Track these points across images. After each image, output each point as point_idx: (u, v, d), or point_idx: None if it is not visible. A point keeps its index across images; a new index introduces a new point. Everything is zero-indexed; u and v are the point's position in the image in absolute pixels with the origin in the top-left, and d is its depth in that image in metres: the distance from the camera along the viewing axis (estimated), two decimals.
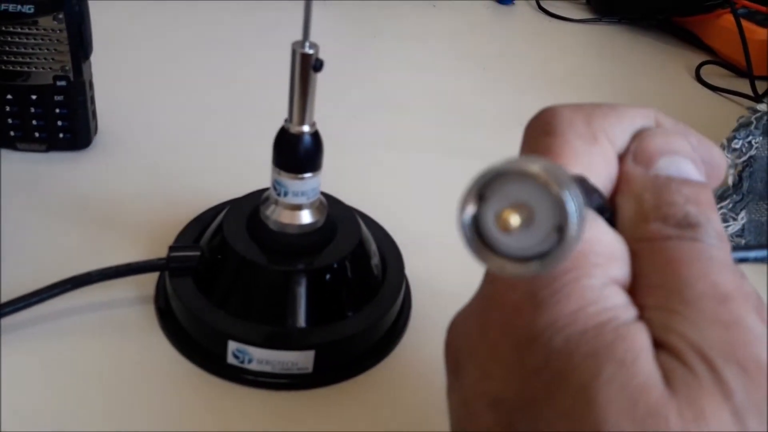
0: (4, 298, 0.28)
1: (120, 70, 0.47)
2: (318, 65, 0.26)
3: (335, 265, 0.29)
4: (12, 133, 0.37)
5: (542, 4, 0.69)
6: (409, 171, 0.42)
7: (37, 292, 0.28)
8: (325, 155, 0.28)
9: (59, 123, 0.37)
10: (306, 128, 0.27)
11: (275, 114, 0.44)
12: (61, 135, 0.38)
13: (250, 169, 0.40)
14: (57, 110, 0.37)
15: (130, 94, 0.45)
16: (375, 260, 0.31)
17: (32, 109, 0.36)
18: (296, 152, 0.28)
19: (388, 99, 0.50)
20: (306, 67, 0.26)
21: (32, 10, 0.34)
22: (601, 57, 0.62)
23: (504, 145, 0.45)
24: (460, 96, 0.52)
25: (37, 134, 0.37)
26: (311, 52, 0.26)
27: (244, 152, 0.41)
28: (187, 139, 0.42)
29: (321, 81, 0.27)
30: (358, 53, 0.57)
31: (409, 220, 0.36)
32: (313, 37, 0.26)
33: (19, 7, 0.33)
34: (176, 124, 0.43)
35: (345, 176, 0.35)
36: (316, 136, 0.28)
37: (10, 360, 0.27)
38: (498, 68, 0.57)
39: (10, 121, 0.37)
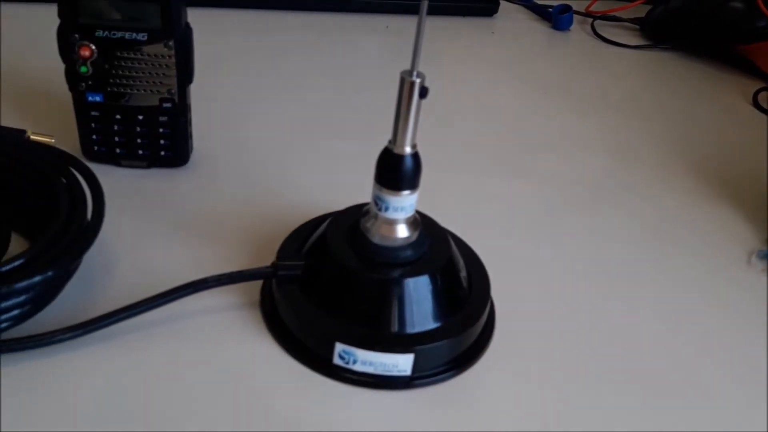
0: (117, 304, 0.30)
1: (212, 92, 0.50)
2: (424, 93, 0.28)
3: (429, 277, 0.31)
4: (117, 150, 0.40)
5: (598, 30, 0.71)
6: (486, 191, 0.44)
7: (161, 294, 0.31)
8: None
9: (161, 142, 0.40)
10: (408, 149, 0.30)
11: (359, 133, 0.46)
12: (162, 153, 0.40)
13: (336, 185, 0.42)
14: (161, 130, 0.40)
15: (222, 114, 0.48)
16: (463, 273, 0.33)
17: (138, 129, 0.39)
18: (399, 171, 0.30)
19: (452, 122, 0.52)
20: (413, 94, 0.28)
21: (145, 38, 0.36)
22: (657, 83, 0.64)
23: (575, 169, 0.47)
24: (524, 120, 0.54)
25: (140, 152, 0.40)
26: (418, 80, 0.28)
27: (328, 169, 0.44)
28: (275, 157, 0.45)
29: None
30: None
31: (489, 238, 0.38)
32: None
33: (134, 35, 0.36)
34: (265, 143, 0.46)
35: (427, 195, 0.37)
36: (416, 157, 0.30)
37: (134, 358, 0.30)
38: (557, 93, 0.59)
39: (116, 139, 0.40)
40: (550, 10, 0.71)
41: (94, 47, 0.36)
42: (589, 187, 0.46)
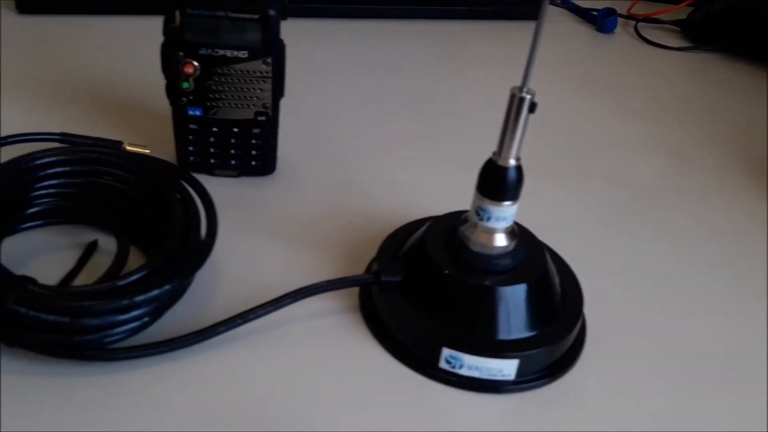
0: (227, 312, 0.32)
1: (295, 103, 0.52)
2: (533, 108, 0.30)
3: (527, 285, 0.33)
4: (211, 161, 0.42)
5: (641, 32, 0.73)
6: (552, 195, 0.46)
7: (273, 301, 0.33)
8: None
9: (253, 152, 0.42)
10: (512, 162, 0.32)
11: (439, 142, 0.48)
12: (252, 163, 0.43)
13: (419, 192, 0.44)
14: (253, 141, 0.42)
15: (303, 123, 0.50)
16: (557, 281, 0.35)
17: (232, 140, 0.42)
18: (502, 183, 0.32)
19: (489, 127, 0.54)
20: (522, 109, 0.30)
21: (246, 55, 0.39)
22: (702, 84, 0.65)
23: (637, 171, 0.49)
24: (574, 122, 0.56)
25: (232, 162, 0.42)
26: (528, 96, 0.30)
27: (409, 177, 0.46)
28: (356, 165, 0.47)
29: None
30: (461, 80, 0.61)
31: (566, 242, 0.40)
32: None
33: (235, 52, 0.38)
34: (346, 152, 0.48)
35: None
36: (519, 169, 0.32)
37: (249, 362, 0.32)
38: (604, 95, 0.61)
39: (211, 150, 0.42)
40: (595, 13, 0.73)
41: (197, 64, 0.38)
42: (653, 189, 0.48)
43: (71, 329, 0.29)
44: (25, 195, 0.34)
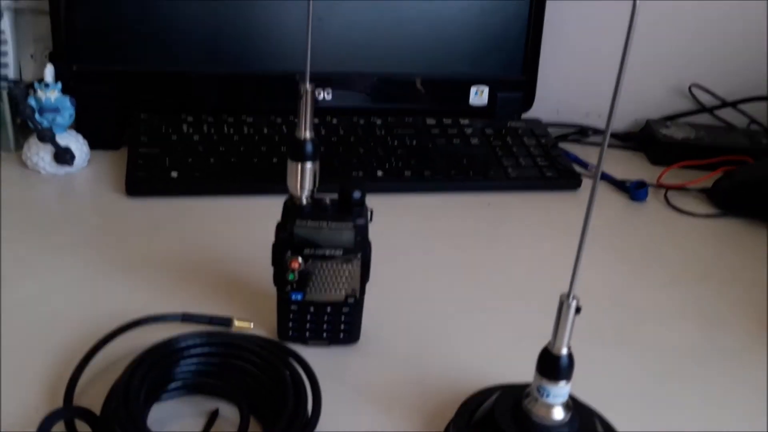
0: None
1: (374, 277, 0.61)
2: (579, 310, 0.38)
3: None
4: (307, 333, 0.51)
5: (671, 200, 0.81)
6: (596, 361, 0.53)
7: None
8: None
9: (342, 326, 0.50)
10: (564, 351, 0.39)
11: (504, 310, 0.55)
12: (341, 334, 0.51)
13: (488, 358, 0.52)
14: (343, 318, 0.50)
15: (382, 296, 0.58)
16: None
17: (326, 318, 0.50)
18: (557, 367, 0.39)
19: (548, 293, 0.61)
20: (569, 312, 0.38)
21: (341, 254, 0.48)
22: (730, 250, 0.73)
23: (675, 337, 0.56)
24: (614, 289, 0.63)
25: (324, 334, 0.51)
26: (574, 302, 0.38)
27: (478, 343, 0.53)
28: (430, 333, 0.55)
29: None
30: (498, 245, 0.69)
31: (613, 409, 0.46)
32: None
33: (332, 251, 0.47)
34: (420, 321, 0.56)
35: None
36: (570, 356, 0.39)
37: None
38: (641, 263, 0.68)
39: (308, 325, 0.50)
40: (628, 185, 0.82)
41: (301, 260, 0.48)
42: (692, 354, 0.55)
43: None
44: (170, 372, 0.43)
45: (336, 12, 0.84)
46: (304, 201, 0.47)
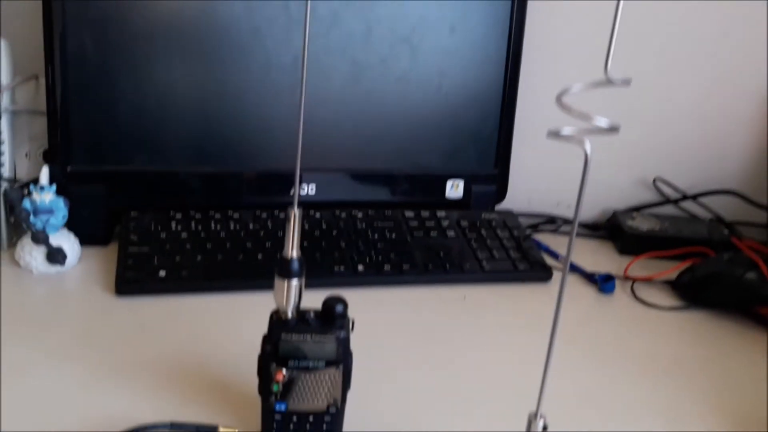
0: None
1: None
2: (545, 429, 0.41)
3: None
4: None
5: (637, 292, 0.85)
6: None
7: None
8: None
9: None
10: None
11: (479, 398, 0.57)
12: None
13: None
14: (324, 426, 0.52)
15: (358, 395, 0.61)
16: None
17: (308, 426, 0.52)
18: None
19: (521, 387, 0.64)
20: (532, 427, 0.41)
21: (323, 365, 0.50)
22: (694, 342, 0.76)
23: None
24: (581, 387, 0.66)
25: None
26: (542, 421, 0.41)
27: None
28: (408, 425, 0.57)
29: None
30: (475, 341, 0.72)
31: None
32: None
33: (315, 363, 0.50)
34: (400, 422, 0.58)
35: None
36: None
37: None
38: (609, 358, 0.72)
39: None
40: (596, 277, 0.86)
41: (285, 372, 0.50)
42: None
43: None
44: None
45: (319, 112, 0.89)
46: (290, 315, 0.50)
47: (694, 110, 1.02)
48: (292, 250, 0.50)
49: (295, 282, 0.50)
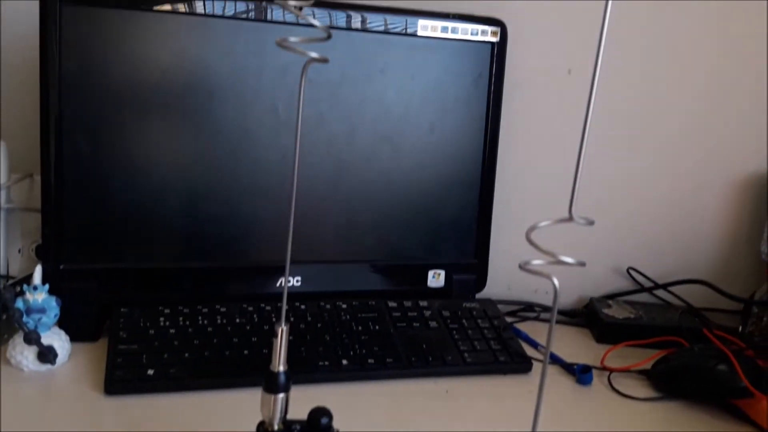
0: None
1: None
2: None
3: None
4: None
5: (613, 382, 0.88)
6: None
7: None
8: None
9: None
10: None
11: None
12: None
13: None
14: None
15: None
16: None
17: None
18: None
19: None
20: None
21: None
22: None
23: None
24: None
25: None
26: None
27: None
28: None
29: None
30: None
31: None
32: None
33: None
34: None
35: None
36: None
37: None
38: None
39: None
40: (575, 367, 0.89)
41: None
42: None
43: None
44: None
45: (304, 206, 0.93)
46: (276, 428, 0.52)
47: (661, 198, 1.07)
48: (279, 365, 0.52)
49: (281, 396, 0.52)
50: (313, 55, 0.45)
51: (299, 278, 0.94)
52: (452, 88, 0.97)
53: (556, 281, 0.41)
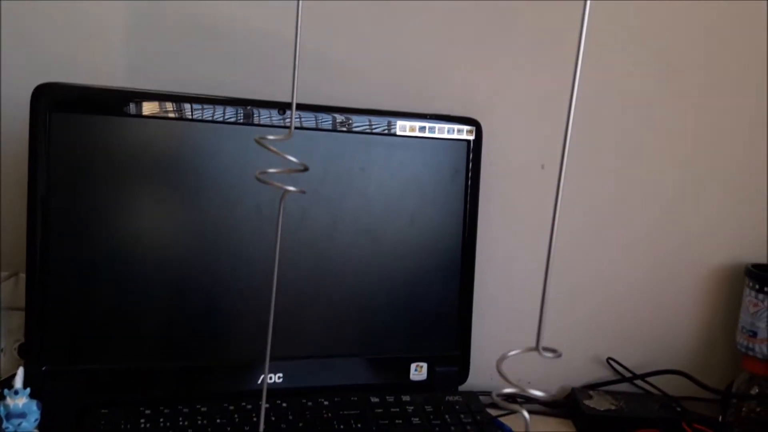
0: None
1: None
2: None
3: None
4: None
5: None
6: None
7: None
8: None
9: None
10: None
11: None
12: None
13: None
14: None
15: None
16: None
17: None
18: None
19: None
20: None
21: None
22: None
23: None
24: None
25: None
26: None
27: None
28: None
29: None
30: None
31: None
32: None
33: None
34: None
35: None
36: None
37: None
38: None
39: None
40: None
41: None
42: None
43: None
44: None
45: (285, 301, 0.94)
46: None
47: (640, 293, 1.09)
48: None
49: None
50: (290, 188, 0.47)
51: (281, 374, 0.95)
52: (431, 183, 1.00)
53: (526, 414, 0.43)
